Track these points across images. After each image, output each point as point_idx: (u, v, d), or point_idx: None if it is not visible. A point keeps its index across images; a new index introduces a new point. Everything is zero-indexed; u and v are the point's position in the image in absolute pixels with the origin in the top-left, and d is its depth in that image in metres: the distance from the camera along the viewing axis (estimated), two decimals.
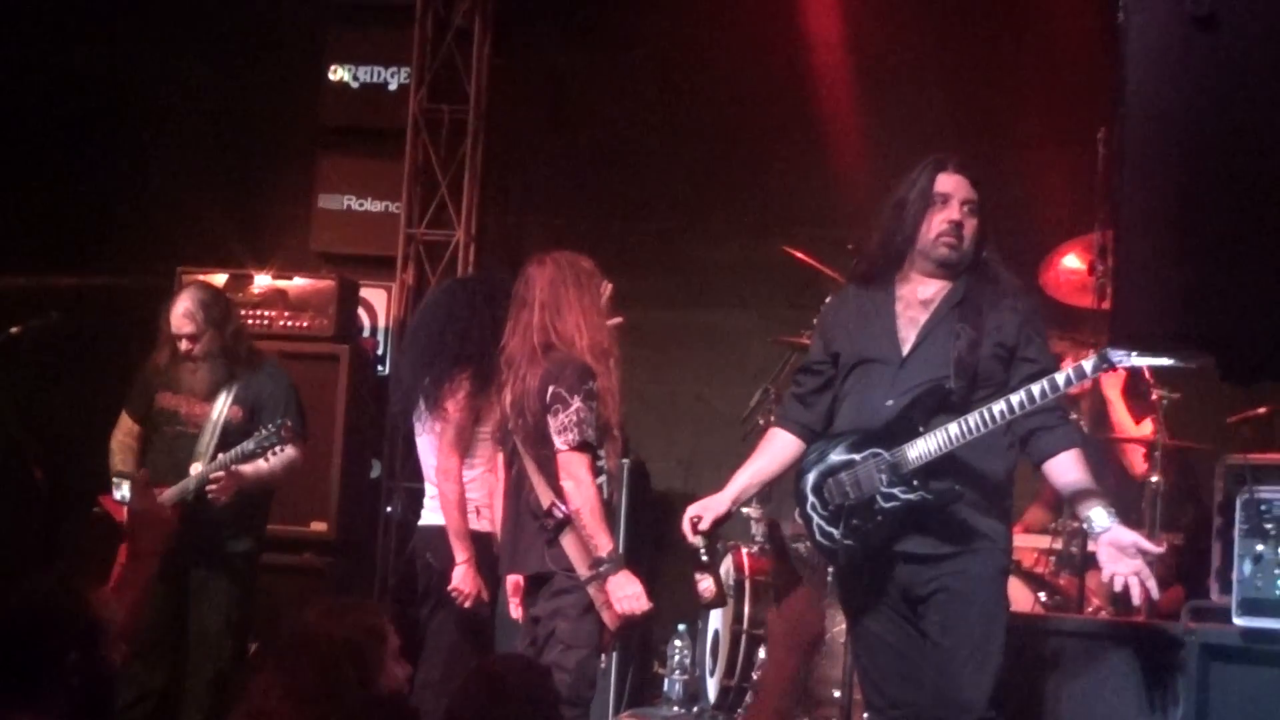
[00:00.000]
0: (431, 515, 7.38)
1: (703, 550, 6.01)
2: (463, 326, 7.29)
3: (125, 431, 8.01)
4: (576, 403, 6.29)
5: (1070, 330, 7.93)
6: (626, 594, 6.28)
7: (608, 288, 6.69)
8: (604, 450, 6.41)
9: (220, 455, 7.62)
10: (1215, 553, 6.56)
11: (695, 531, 5.97)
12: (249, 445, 7.56)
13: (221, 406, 7.81)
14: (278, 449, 7.60)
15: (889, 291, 5.85)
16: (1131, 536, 5.59)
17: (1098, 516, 5.59)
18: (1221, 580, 6.44)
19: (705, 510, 5.99)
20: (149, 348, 8.06)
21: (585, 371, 6.37)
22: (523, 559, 6.51)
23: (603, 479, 6.37)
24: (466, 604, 7.14)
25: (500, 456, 6.92)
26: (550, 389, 6.32)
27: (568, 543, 6.32)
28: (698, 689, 8.38)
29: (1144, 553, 5.53)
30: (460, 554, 7.17)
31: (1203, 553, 6.70)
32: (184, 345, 7.82)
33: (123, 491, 7.71)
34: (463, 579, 7.16)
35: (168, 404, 7.87)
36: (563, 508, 6.29)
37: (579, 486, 6.27)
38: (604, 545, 6.26)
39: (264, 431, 7.57)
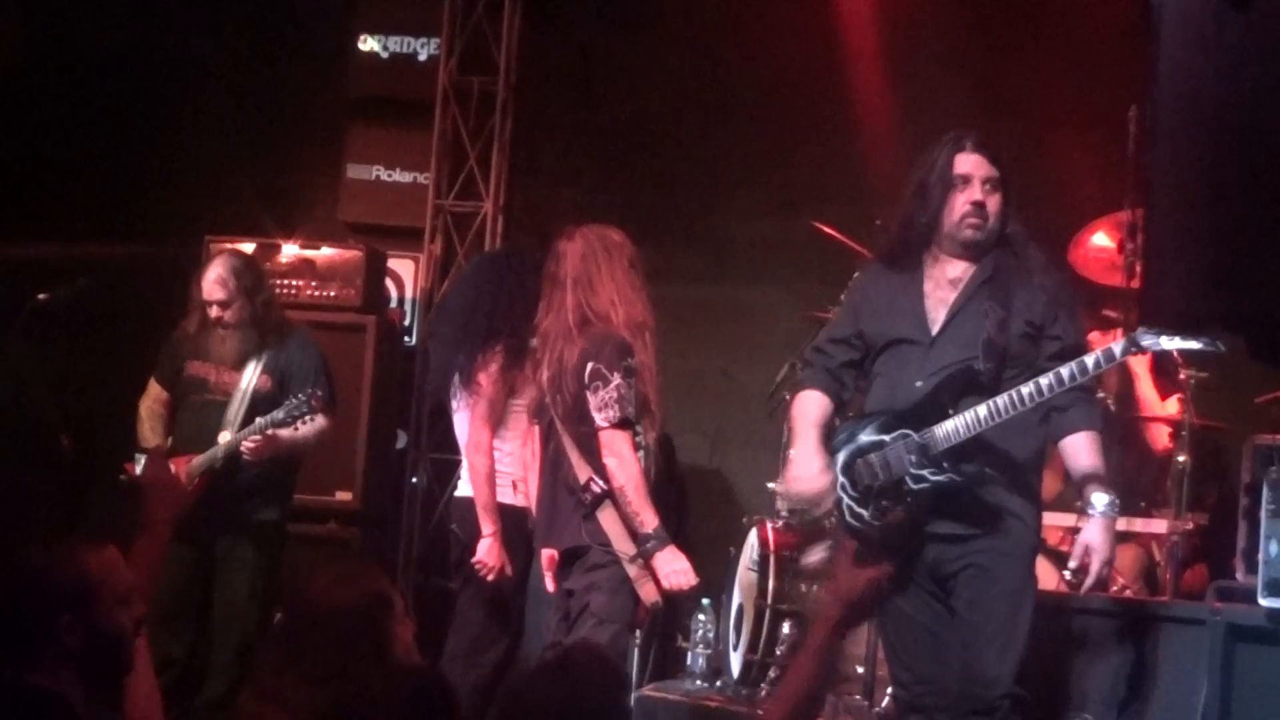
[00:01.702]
0: (465, 487, 7.41)
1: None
2: (494, 300, 7.30)
3: (154, 399, 8.03)
4: (616, 379, 6.28)
5: (1099, 308, 7.91)
6: (674, 569, 6.29)
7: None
8: (641, 425, 6.41)
9: (255, 421, 7.64)
10: (1241, 533, 6.56)
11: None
12: (279, 414, 7.58)
13: (251, 375, 7.83)
14: (308, 418, 7.62)
15: (917, 271, 5.84)
16: (1100, 539, 5.64)
17: (1097, 501, 5.64)
18: (1247, 561, 6.44)
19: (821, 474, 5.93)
20: (178, 316, 8.09)
21: (624, 347, 6.36)
22: (559, 533, 6.51)
23: (642, 454, 6.37)
24: (490, 577, 7.16)
25: (535, 431, 6.92)
26: (590, 365, 6.32)
27: (604, 518, 6.32)
28: (721, 664, 8.37)
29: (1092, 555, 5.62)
30: (486, 526, 7.19)
31: (1228, 533, 6.69)
32: (214, 312, 7.84)
33: (142, 464, 7.72)
34: (487, 552, 7.18)
35: (196, 372, 7.89)
36: (600, 483, 6.29)
37: (622, 463, 6.27)
38: (650, 521, 6.27)
39: (294, 400, 7.58)
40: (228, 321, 7.84)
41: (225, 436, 7.69)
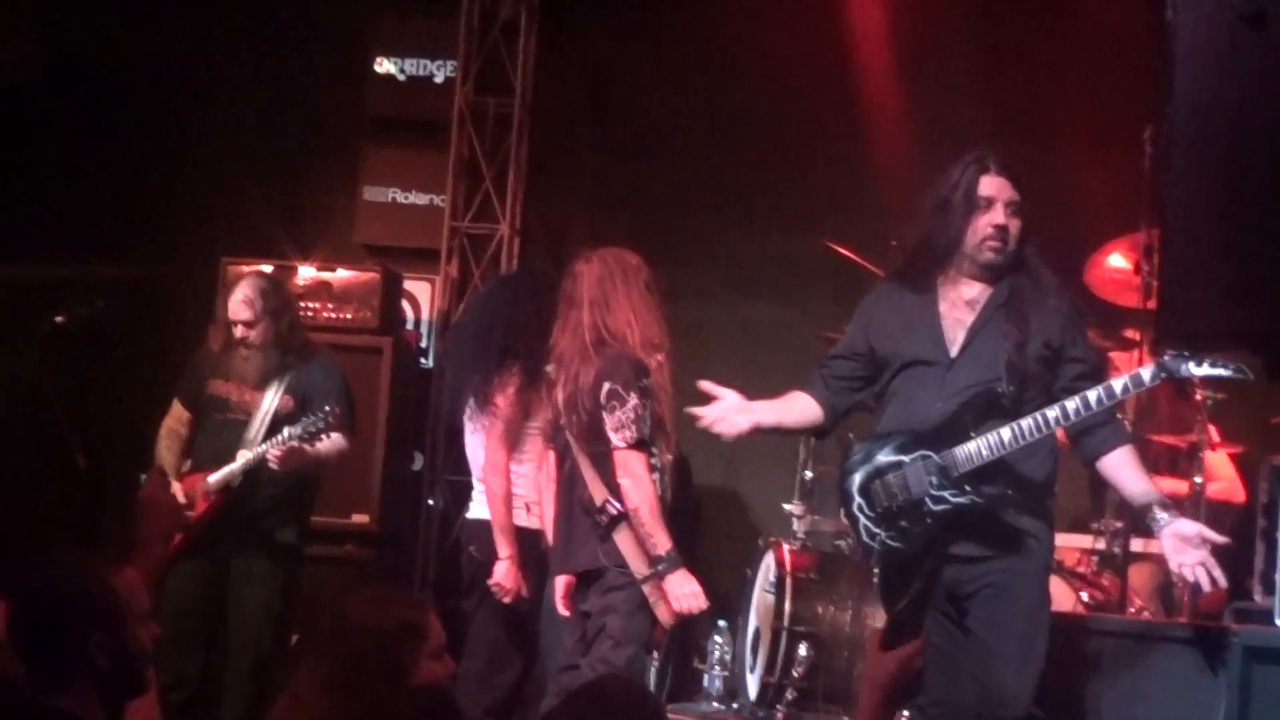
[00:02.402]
0: (478, 509, 7.40)
1: None
2: (510, 322, 7.30)
3: (175, 418, 8.03)
4: (633, 399, 6.28)
5: (1119, 329, 7.91)
6: (684, 592, 6.27)
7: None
8: (657, 446, 6.40)
9: (277, 436, 7.63)
10: (1259, 554, 6.54)
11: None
12: (295, 429, 7.57)
13: (273, 396, 7.82)
14: (326, 434, 7.62)
15: (932, 293, 5.83)
16: (1195, 527, 5.59)
17: (1160, 517, 5.58)
18: (1265, 582, 6.43)
19: (733, 401, 5.98)
20: (194, 337, 8.09)
21: (640, 368, 6.36)
22: (575, 556, 6.50)
23: (657, 475, 6.36)
24: (506, 599, 7.15)
25: (550, 454, 6.92)
26: (606, 386, 6.31)
27: (621, 539, 6.31)
28: (737, 685, 8.37)
29: (1208, 542, 5.52)
30: (503, 549, 7.18)
31: (1246, 554, 6.68)
32: (239, 331, 7.84)
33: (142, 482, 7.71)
34: (504, 574, 7.17)
35: (219, 390, 7.89)
36: (616, 505, 6.28)
37: (637, 484, 6.26)
38: (663, 543, 6.25)
39: (311, 416, 7.58)
40: (252, 341, 7.84)
41: (244, 455, 7.68)
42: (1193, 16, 2.94)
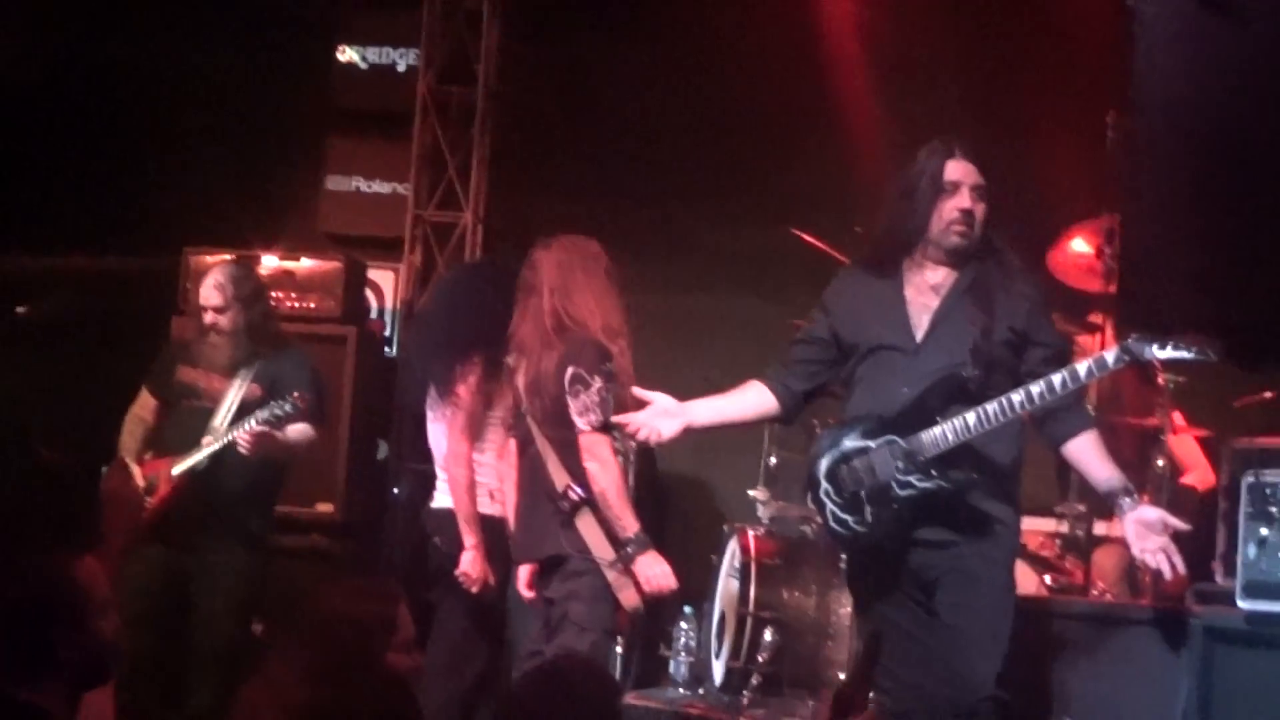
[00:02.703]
0: (442, 498, 7.40)
1: None
2: (474, 312, 7.29)
3: (142, 405, 8.00)
4: (597, 383, 6.31)
5: (1084, 313, 7.94)
6: (655, 573, 6.31)
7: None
8: (619, 431, 6.40)
9: (244, 421, 7.62)
10: (1220, 536, 6.58)
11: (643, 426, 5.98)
12: (262, 414, 7.56)
13: (240, 383, 7.81)
14: (293, 422, 7.62)
15: (897, 277, 5.86)
16: (1157, 513, 5.64)
17: (1124, 497, 5.63)
18: (1226, 564, 6.46)
19: (659, 404, 5.99)
20: (158, 327, 8.07)
21: (603, 352, 6.39)
22: (537, 543, 6.52)
23: (620, 460, 6.39)
24: (474, 589, 7.16)
25: (511, 442, 6.93)
26: (570, 370, 6.34)
27: (583, 525, 6.33)
28: (703, 671, 8.38)
29: (1170, 527, 5.57)
30: (469, 539, 7.18)
31: (1208, 536, 6.72)
32: (209, 318, 7.82)
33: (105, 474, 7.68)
34: (470, 564, 7.17)
35: (187, 377, 7.86)
36: (578, 490, 6.30)
37: (604, 468, 6.29)
38: (630, 525, 6.29)
39: (278, 402, 7.57)
40: (222, 328, 7.82)
41: (210, 441, 7.67)
42: (1156, 5, 2.97)
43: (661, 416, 5.99)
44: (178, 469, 7.59)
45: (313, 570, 8.77)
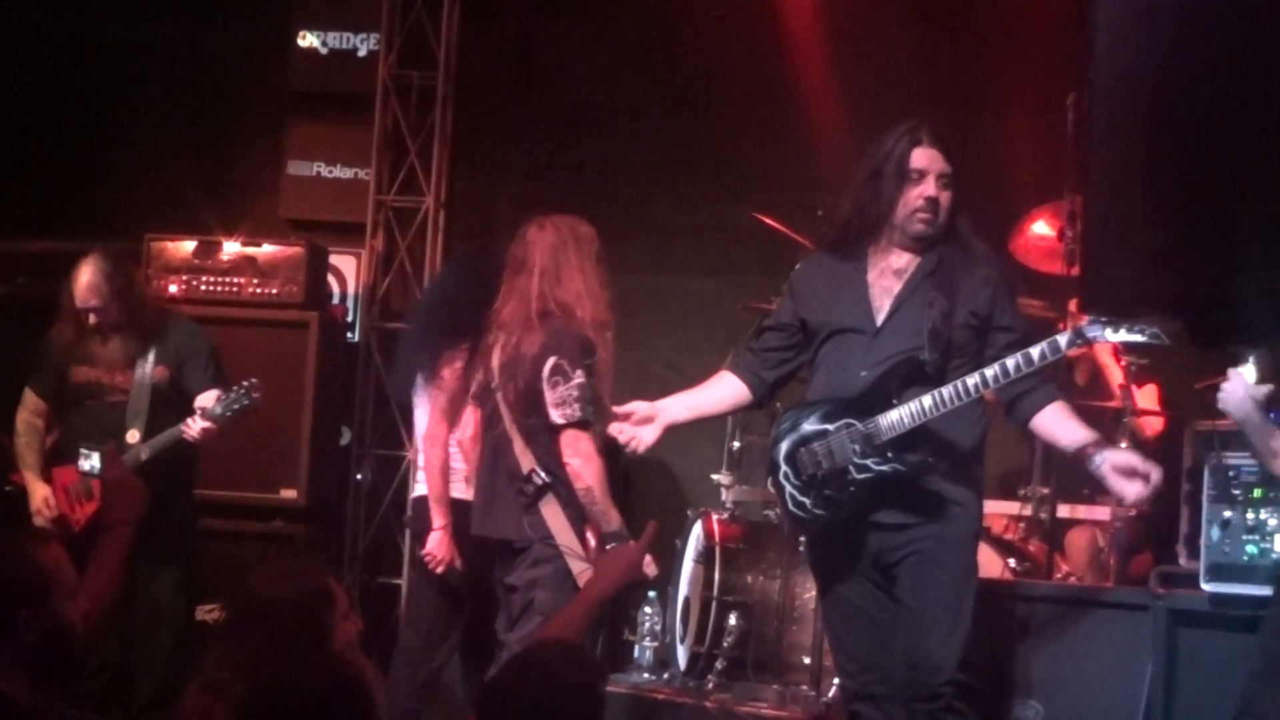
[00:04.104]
0: (421, 487, 7.44)
1: None
2: (460, 297, 7.25)
3: (32, 410, 7.91)
4: (578, 377, 6.25)
5: (1039, 296, 7.93)
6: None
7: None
8: (598, 423, 6.37)
9: (199, 413, 7.58)
10: (1183, 518, 6.58)
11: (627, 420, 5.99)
12: (217, 409, 7.52)
13: (146, 371, 7.76)
14: (251, 412, 7.59)
15: (862, 261, 5.85)
16: (1129, 456, 5.66)
17: (1095, 449, 5.64)
18: (1189, 546, 6.48)
19: (640, 410, 5.99)
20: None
21: (587, 345, 6.33)
22: (496, 521, 6.47)
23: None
24: (439, 569, 7.15)
25: (474, 413, 6.90)
26: (551, 360, 6.27)
27: (547, 510, 6.29)
28: (668, 655, 8.37)
29: (1145, 467, 5.58)
30: (438, 519, 7.19)
31: (1171, 519, 6.72)
32: (93, 320, 7.74)
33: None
34: (437, 544, 7.18)
35: (86, 378, 7.78)
36: (543, 475, 6.27)
37: (587, 463, 6.25)
38: (615, 520, 6.28)
39: (234, 393, 7.53)
40: (107, 324, 7.75)
41: (135, 434, 7.62)
42: None
43: (642, 424, 6.01)
44: (129, 461, 7.51)
45: (277, 556, 8.72)
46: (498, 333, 6.48)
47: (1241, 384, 5.44)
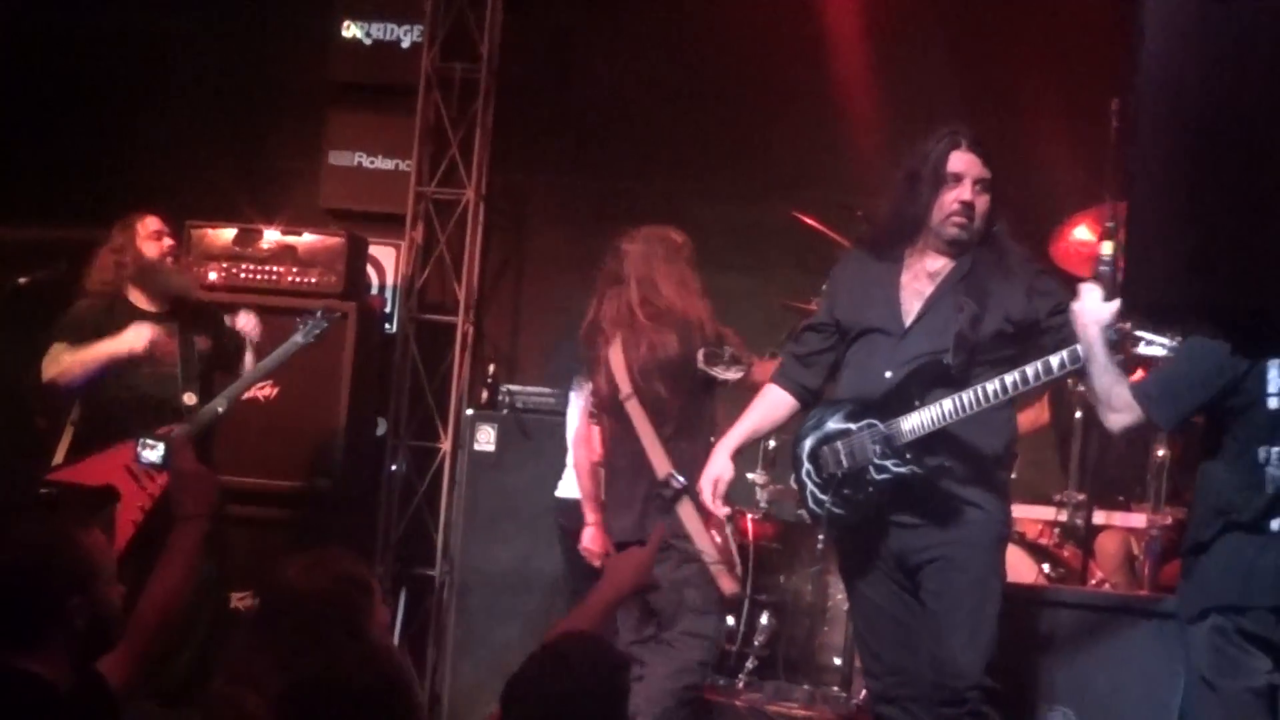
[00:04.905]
0: (567, 489, 7.90)
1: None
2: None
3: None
4: (727, 351, 6.60)
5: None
6: None
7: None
8: None
9: (287, 344, 7.84)
10: None
11: (718, 500, 6.08)
12: (298, 338, 7.66)
13: (192, 339, 7.82)
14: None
15: (897, 263, 5.86)
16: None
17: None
18: None
19: (719, 480, 6.06)
20: None
21: (716, 329, 6.70)
22: (637, 525, 6.66)
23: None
24: (596, 563, 7.28)
25: (593, 429, 7.24)
26: (701, 352, 6.57)
27: (684, 513, 6.42)
28: None
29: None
30: (590, 515, 7.42)
31: None
32: (168, 244, 8.01)
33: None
34: (591, 539, 7.41)
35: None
36: (680, 479, 6.35)
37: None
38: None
39: (312, 320, 7.67)
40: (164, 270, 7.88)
41: (190, 397, 7.65)
42: None
43: (712, 475, 6.13)
44: (186, 434, 7.53)
45: (309, 545, 8.72)
46: (606, 345, 6.62)
47: (1093, 301, 5.21)
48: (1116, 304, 5.13)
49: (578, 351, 7.33)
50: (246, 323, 7.86)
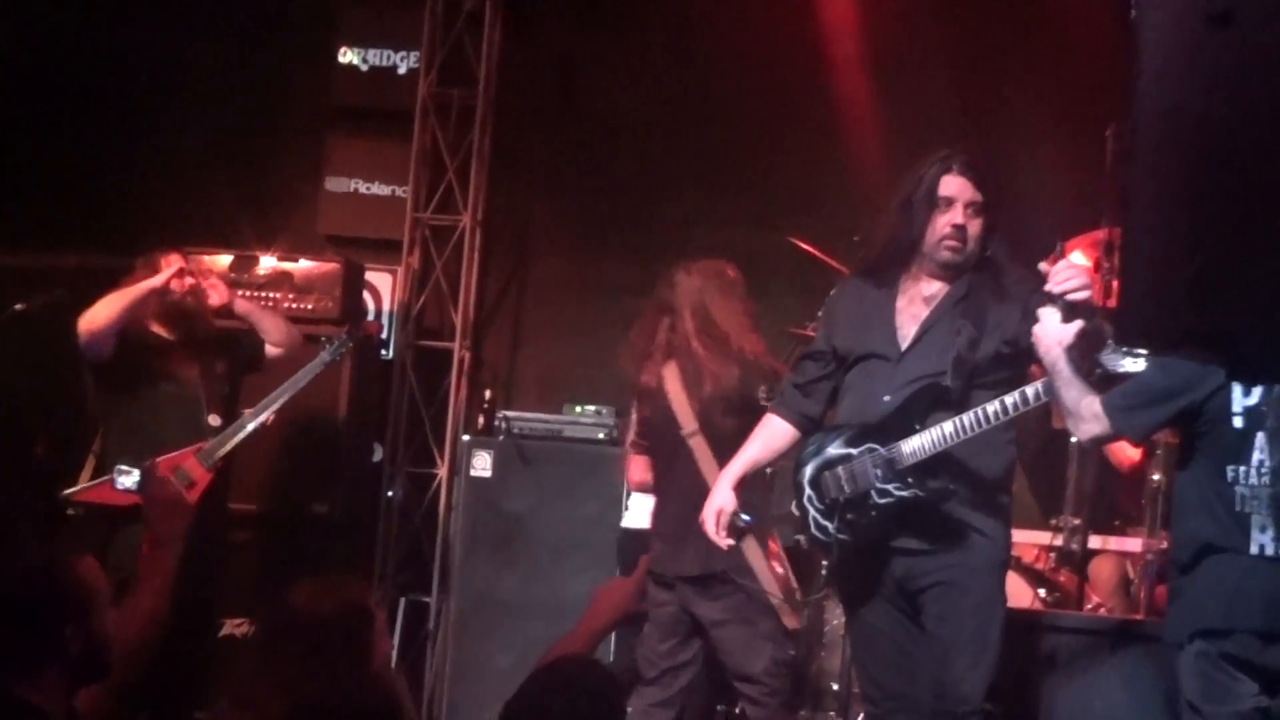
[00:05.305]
0: (631, 519, 8.02)
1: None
2: None
3: None
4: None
5: None
6: None
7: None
8: None
9: (316, 360, 7.91)
10: None
11: (722, 531, 6.08)
12: (325, 356, 7.68)
13: (213, 362, 7.84)
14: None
15: (893, 288, 5.87)
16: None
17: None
18: None
19: (722, 513, 6.05)
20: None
21: (774, 367, 6.77)
22: (698, 558, 6.70)
23: None
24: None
25: (639, 459, 7.31)
26: (763, 388, 6.62)
27: (748, 549, 6.47)
28: None
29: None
30: None
31: None
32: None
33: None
34: None
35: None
36: (745, 517, 6.37)
37: None
38: None
39: (337, 341, 7.77)
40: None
41: (215, 418, 7.67)
42: (1158, 15, 2.94)
43: (715, 509, 6.13)
44: (214, 457, 7.54)
45: (306, 571, 8.71)
46: (657, 373, 6.67)
47: (1051, 324, 5.27)
48: (1077, 325, 5.17)
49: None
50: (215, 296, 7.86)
